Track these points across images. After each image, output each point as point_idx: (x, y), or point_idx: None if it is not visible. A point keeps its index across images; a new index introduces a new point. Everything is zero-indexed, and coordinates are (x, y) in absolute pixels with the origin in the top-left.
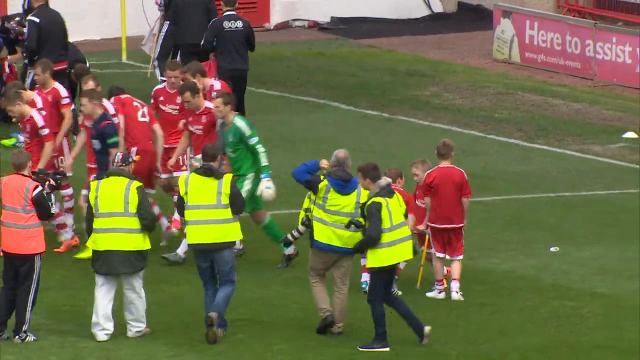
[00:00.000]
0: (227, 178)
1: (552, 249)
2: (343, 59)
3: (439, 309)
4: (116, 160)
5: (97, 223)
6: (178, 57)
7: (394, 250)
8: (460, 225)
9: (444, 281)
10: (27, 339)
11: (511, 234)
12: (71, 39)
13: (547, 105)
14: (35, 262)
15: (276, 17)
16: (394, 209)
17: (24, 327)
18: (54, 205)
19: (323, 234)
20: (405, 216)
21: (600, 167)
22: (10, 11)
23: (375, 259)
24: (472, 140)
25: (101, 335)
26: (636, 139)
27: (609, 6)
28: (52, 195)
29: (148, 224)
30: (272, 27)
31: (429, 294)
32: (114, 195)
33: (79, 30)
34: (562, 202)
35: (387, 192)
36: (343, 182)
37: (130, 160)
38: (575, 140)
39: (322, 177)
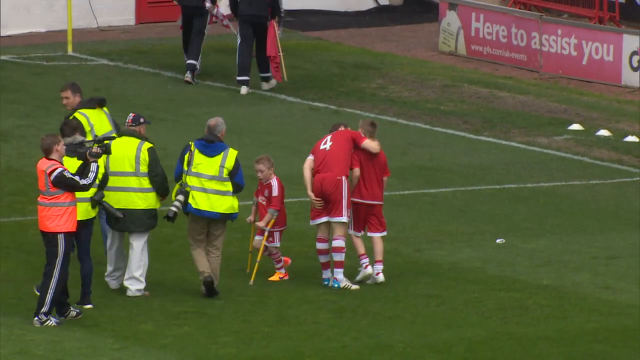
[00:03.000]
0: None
1: (498, 240)
2: (290, 51)
3: (385, 301)
4: (127, 121)
5: (109, 182)
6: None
7: None
8: (382, 202)
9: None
10: (47, 323)
11: (457, 226)
12: (17, 31)
13: (493, 98)
14: (58, 241)
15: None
16: (70, 167)
17: (43, 309)
18: (92, 174)
19: (191, 199)
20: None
21: (545, 159)
22: None
23: None
24: (418, 133)
25: (114, 284)
26: (581, 131)
27: None
28: (93, 164)
29: (158, 184)
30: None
31: (358, 278)
32: (125, 155)
33: (25, 23)
34: (508, 194)
35: (68, 150)
36: (206, 143)
37: (142, 120)
38: (521, 132)
39: (191, 142)
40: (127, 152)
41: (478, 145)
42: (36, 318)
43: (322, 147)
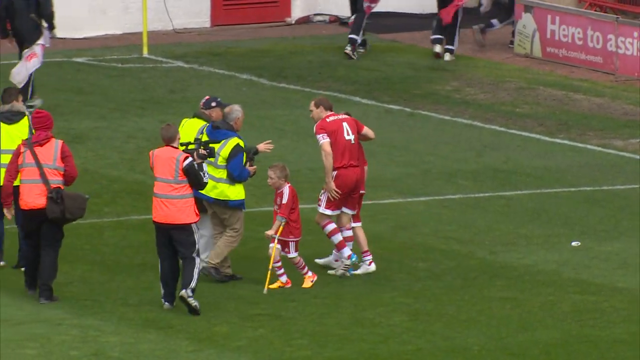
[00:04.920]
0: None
1: (573, 243)
2: (365, 54)
3: (460, 304)
4: (200, 104)
5: None
6: None
7: None
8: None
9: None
10: (192, 303)
11: (532, 228)
12: (92, 33)
13: (568, 100)
14: (193, 230)
15: (297, 11)
16: (5, 133)
17: (192, 285)
18: (205, 175)
19: None
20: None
21: (621, 161)
22: None
23: None
24: (494, 135)
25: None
26: None
27: (630, 1)
28: (202, 165)
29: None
30: (293, 22)
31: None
32: (190, 136)
33: (101, 25)
34: (584, 197)
35: (4, 117)
36: (212, 129)
37: (213, 105)
38: (597, 134)
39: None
40: (192, 133)
41: (553, 148)
42: (184, 290)
43: (347, 137)
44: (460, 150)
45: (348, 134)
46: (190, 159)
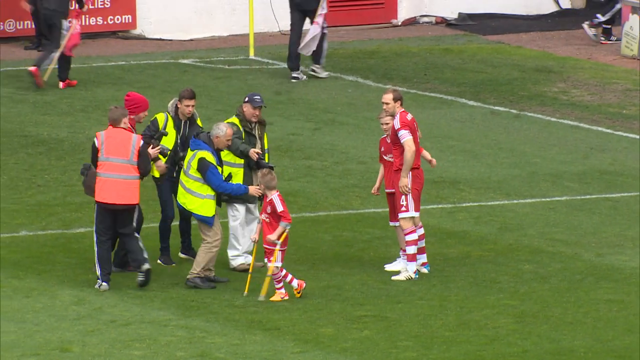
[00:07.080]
0: None
1: None
2: (471, 55)
3: (566, 306)
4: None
5: None
6: None
7: None
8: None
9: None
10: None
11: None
12: (199, 35)
13: None
14: (135, 209)
15: (403, 13)
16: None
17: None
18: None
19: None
20: None
21: None
22: None
23: None
24: (600, 137)
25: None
26: None
27: None
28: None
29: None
30: (399, 24)
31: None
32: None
33: (207, 27)
34: None
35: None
36: (194, 136)
37: (245, 100)
38: None
39: None
40: None
41: None
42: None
43: (418, 138)
44: (567, 152)
45: (418, 134)
46: (143, 142)
